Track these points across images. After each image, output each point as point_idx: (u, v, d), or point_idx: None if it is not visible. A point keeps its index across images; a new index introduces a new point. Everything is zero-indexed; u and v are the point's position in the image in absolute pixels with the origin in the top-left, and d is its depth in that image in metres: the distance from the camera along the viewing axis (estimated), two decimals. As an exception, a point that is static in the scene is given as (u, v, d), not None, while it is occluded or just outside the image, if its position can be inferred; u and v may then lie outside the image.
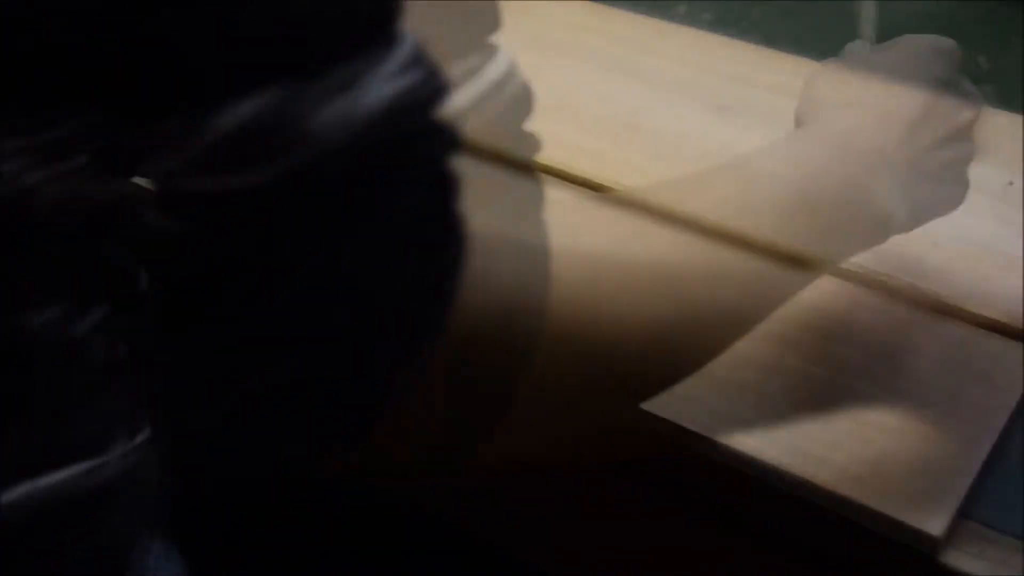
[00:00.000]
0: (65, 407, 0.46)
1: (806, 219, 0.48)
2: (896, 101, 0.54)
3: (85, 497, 0.47)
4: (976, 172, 0.72)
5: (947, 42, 0.56)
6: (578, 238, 0.42)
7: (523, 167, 0.40)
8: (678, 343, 0.45)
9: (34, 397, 0.44)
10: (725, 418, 0.56)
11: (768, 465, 0.54)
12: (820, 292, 0.63)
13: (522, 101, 0.38)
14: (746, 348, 0.59)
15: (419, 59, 0.37)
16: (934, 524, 0.51)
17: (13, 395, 0.44)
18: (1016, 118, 0.77)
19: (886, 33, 0.91)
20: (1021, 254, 0.65)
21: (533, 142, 0.39)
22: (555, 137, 0.75)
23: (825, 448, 0.55)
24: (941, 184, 0.57)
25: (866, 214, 0.51)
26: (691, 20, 0.93)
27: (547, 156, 0.73)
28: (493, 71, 0.37)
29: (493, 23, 0.37)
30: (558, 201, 0.40)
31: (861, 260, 0.64)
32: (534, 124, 0.40)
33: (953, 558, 0.51)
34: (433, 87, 0.38)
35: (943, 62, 0.56)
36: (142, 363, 0.50)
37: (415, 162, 0.38)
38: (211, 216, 0.35)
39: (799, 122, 0.57)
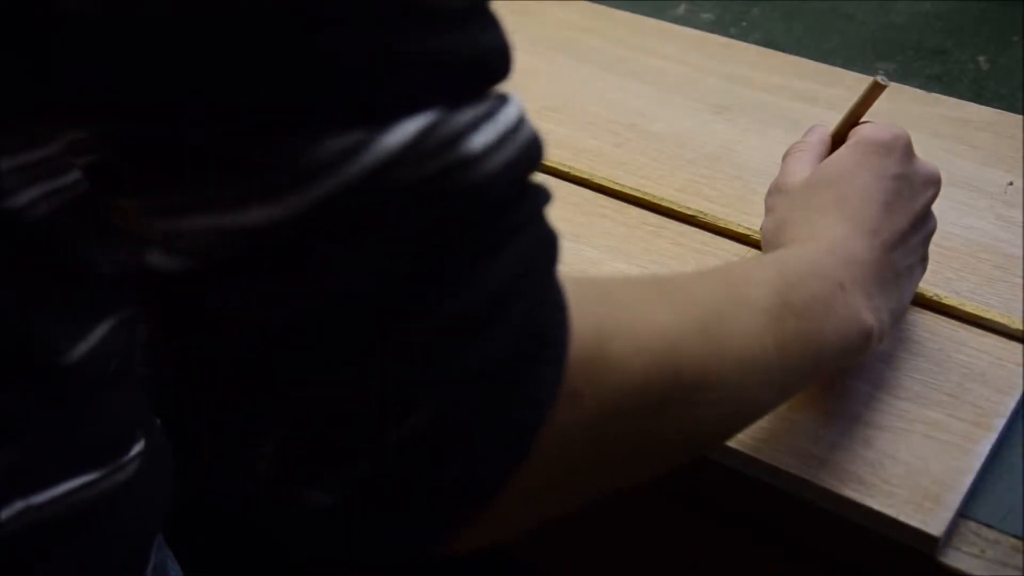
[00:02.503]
0: (74, 420, 0.46)
1: (794, 320, 0.48)
2: (861, 210, 0.55)
3: (104, 499, 0.47)
4: (976, 172, 0.72)
5: (896, 134, 0.57)
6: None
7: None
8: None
9: (43, 412, 0.44)
10: (725, 418, 0.57)
11: (768, 465, 0.55)
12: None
13: (532, 149, 0.37)
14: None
15: (526, 118, 0.37)
16: (934, 524, 0.51)
17: (23, 410, 0.44)
18: (1016, 118, 0.77)
19: (887, 33, 0.91)
20: (1021, 254, 0.65)
21: (544, 193, 0.38)
22: (555, 137, 0.76)
23: (825, 448, 0.55)
24: (911, 276, 0.58)
25: (850, 324, 0.51)
26: (691, 20, 0.93)
27: (547, 156, 0.73)
28: (508, 115, 0.36)
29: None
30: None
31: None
32: (535, 124, 0.40)
33: (953, 558, 0.51)
34: (540, 145, 0.38)
35: (895, 156, 0.57)
36: (141, 375, 0.50)
37: (525, 218, 0.37)
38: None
39: (769, 237, 0.58)
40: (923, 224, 0.58)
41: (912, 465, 0.54)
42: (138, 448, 0.49)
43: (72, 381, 0.45)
